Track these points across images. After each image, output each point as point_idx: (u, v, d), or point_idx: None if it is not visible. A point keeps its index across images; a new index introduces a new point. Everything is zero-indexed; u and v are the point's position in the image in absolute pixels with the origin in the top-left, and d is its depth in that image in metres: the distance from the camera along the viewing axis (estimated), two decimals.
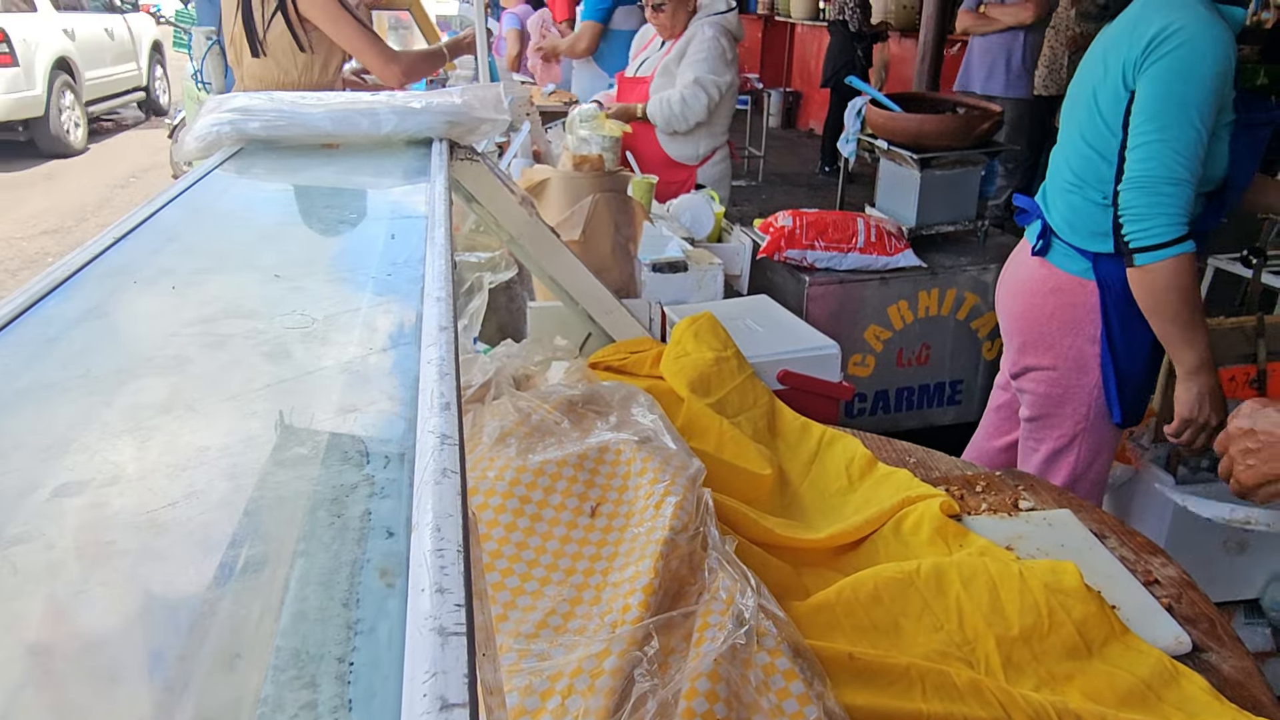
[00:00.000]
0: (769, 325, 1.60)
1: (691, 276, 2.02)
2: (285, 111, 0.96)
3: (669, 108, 3.05)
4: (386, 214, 0.87)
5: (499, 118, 1.05)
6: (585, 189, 1.42)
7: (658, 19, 3.16)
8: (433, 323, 0.54)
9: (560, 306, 1.43)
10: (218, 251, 0.74)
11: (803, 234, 2.68)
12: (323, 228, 0.84)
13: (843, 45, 7.46)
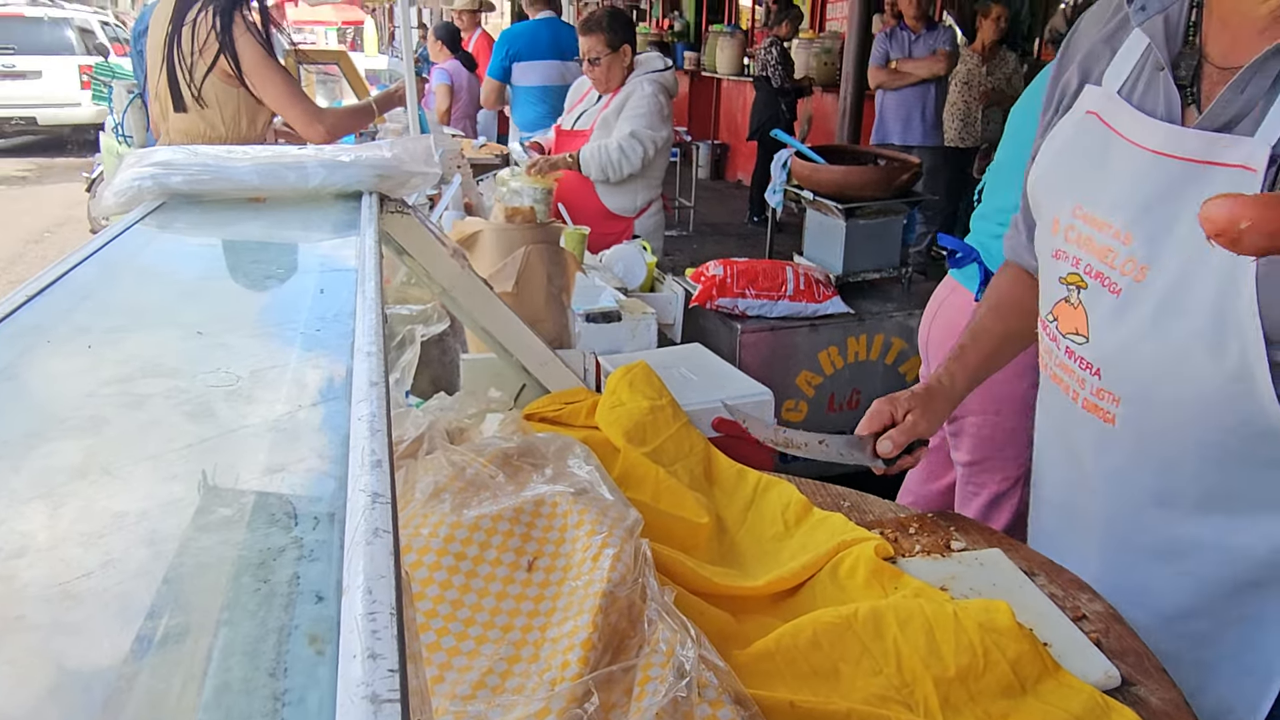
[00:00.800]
0: (702, 373, 1.62)
1: (625, 326, 2.03)
2: (209, 165, 0.95)
3: (605, 155, 3.09)
4: (315, 268, 0.86)
5: (429, 171, 1.05)
6: (518, 241, 1.43)
7: (594, 73, 3.22)
8: (363, 378, 0.53)
9: (494, 358, 1.42)
10: (137, 308, 0.72)
11: (734, 282, 2.72)
12: (248, 283, 0.82)
13: (767, 100, 7.68)
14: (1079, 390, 1.07)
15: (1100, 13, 1.12)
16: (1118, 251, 0.98)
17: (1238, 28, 0.93)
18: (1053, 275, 1.09)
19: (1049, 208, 1.10)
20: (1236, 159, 0.89)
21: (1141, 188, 0.96)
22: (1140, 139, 0.98)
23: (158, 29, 2.59)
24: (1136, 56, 1.02)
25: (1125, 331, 0.99)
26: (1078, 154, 1.06)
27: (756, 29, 10.79)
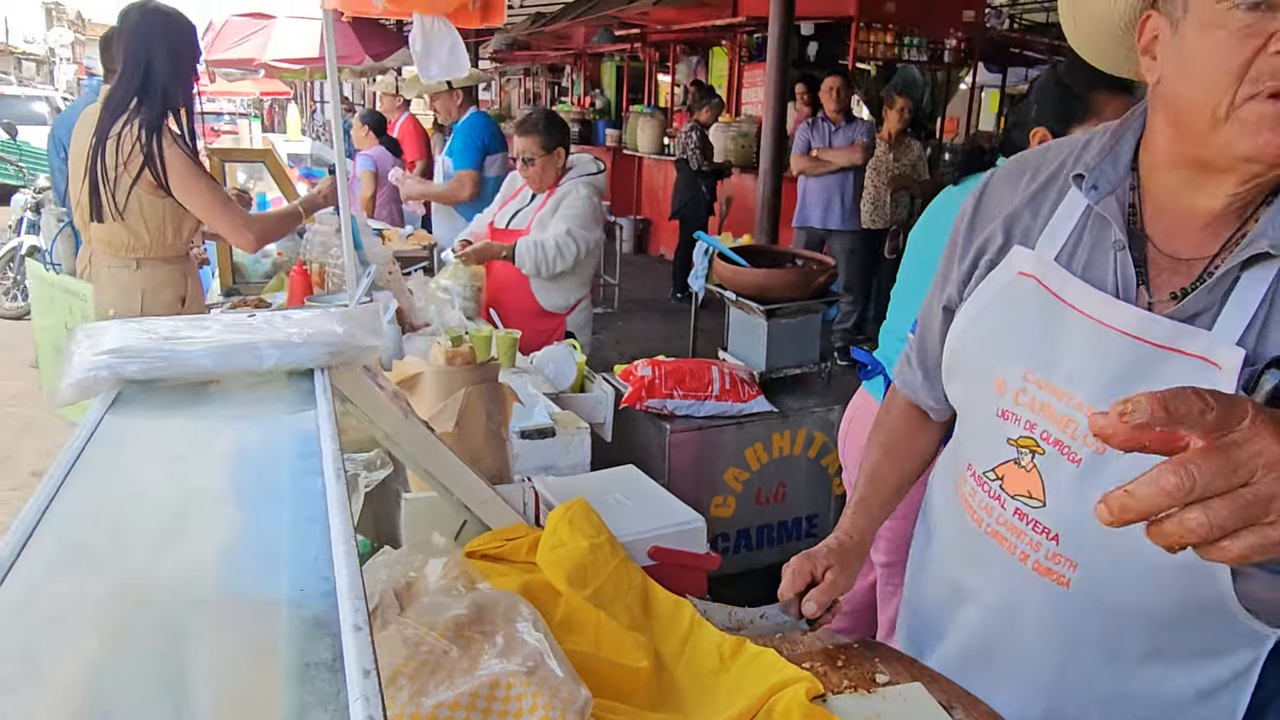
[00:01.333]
0: (636, 498, 1.67)
1: (560, 441, 2.09)
2: (163, 352, 0.98)
3: (541, 251, 3.17)
4: (277, 454, 0.89)
5: (378, 343, 1.10)
6: (458, 382, 1.48)
7: (528, 172, 3.31)
8: (349, 622, 0.58)
9: (434, 496, 1.45)
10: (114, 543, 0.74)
11: (662, 383, 2.81)
12: (212, 484, 0.85)
13: (688, 181, 7.93)
14: (1030, 552, 1.08)
15: (1013, 174, 1.17)
16: (1080, 422, 1.01)
17: (1175, 217, 1.01)
18: (998, 435, 1.10)
19: (986, 366, 1.12)
20: (1197, 349, 0.95)
21: (1109, 365, 1.00)
22: (1099, 314, 1.02)
23: (81, 139, 2.58)
24: (1072, 225, 1.07)
25: (1089, 501, 0.99)
26: (1016, 317, 1.09)
27: (675, 110, 11.16)
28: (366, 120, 5.77)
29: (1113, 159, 1.05)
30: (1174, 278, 1.01)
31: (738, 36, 9.15)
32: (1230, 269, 0.94)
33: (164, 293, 2.65)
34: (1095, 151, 1.07)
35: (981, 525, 1.15)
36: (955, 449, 1.27)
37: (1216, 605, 1.00)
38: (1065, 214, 1.08)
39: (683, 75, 11.80)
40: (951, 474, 1.27)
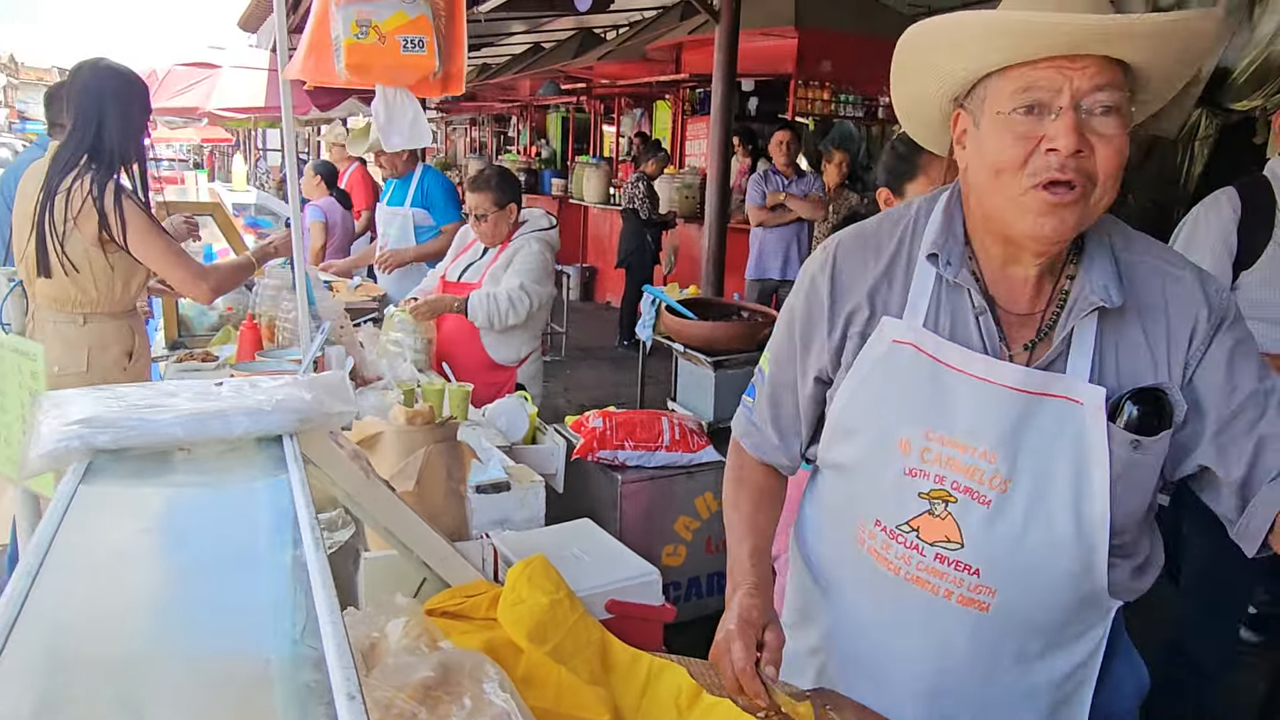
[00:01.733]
0: (593, 552, 1.71)
1: (515, 495, 2.11)
2: (134, 421, 1.00)
3: (494, 304, 3.21)
4: (251, 524, 0.92)
5: (347, 409, 1.13)
6: (418, 441, 1.51)
7: (480, 228, 3.36)
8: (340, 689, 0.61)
9: (394, 554, 1.47)
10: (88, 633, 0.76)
11: (613, 435, 2.86)
12: (188, 558, 0.87)
13: (634, 231, 8.07)
14: (953, 589, 1.19)
15: (856, 250, 1.27)
16: (983, 469, 1.15)
17: (1005, 282, 1.19)
18: (908, 491, 1.20)
19: (887, 429, 1.21)
20: (1060, 391, 1.13)
21: (1001, 415, 1.14)
22: (981, 373, 1.16)
23: (27, 194, 2.57)
24: (929, 295, 1.20)
25: (1001, 535, 1.16)
26: (904, 382, 1.20)
27: (621, 160, 11.35)
28: (319, 170, 5.77)
29: (952, 236, 1.20)
30: (1021, 331, 1.18)
31: (681, 91, 9.39)
32: (1070, 326, 1.13)
33: (111, 348, 2.63)
34: (936, 230, 1.21)
35: (900, 573, 1.23)
36: (842, 504, 1.33)
37: (1092, 596, 1.19)
38: (921, 286, 1.21)
39: (627, 127, 12.03)
40: (842, 530, 1.33)
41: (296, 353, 2.70)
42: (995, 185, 1.10)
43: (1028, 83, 1.05)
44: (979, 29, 1.07)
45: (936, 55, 1.15)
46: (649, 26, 10.13)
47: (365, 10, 1.76)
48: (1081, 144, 1.03)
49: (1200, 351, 1.15)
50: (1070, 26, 1.01)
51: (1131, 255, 1.18)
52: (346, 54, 1.80)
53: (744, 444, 1.45)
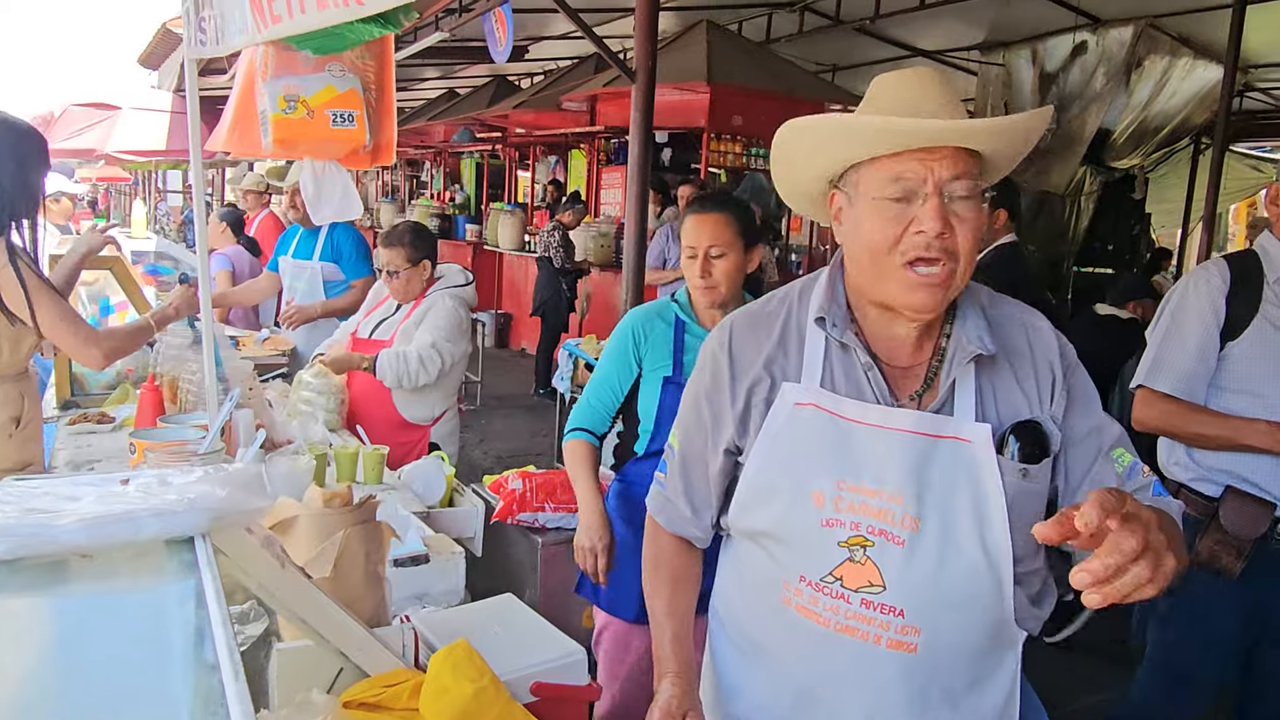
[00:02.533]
0: (515, 630, 1.68)
1: (434, 567, 2.06)
2: (31, 528, 0.94)
3: (403, 364, 3.14)
4: (162, 642, 0.87)
5: (263, 504, 1.09)
6: (335, 525, 1.46)
7: (392, 284, 3.30)
8: None
9: (308, 645, 1.41)
10: None
11: (533, 496, 2.82)
12: (87, 672, 0.82)
13: (549, 279, 8.07)
14: (881, 633, 1.24)
15: (748, 326, 1.39)
16: (893, 511, 1.23)
17: (887, 341, 1.31)
18: (827, 542, 1.25)
19: (800, 485, 1.27)
20: (950, 432, 1.24)
21: (903, 458, 1.23)
22: (878, 421, 1.26)
23: None
24: (821, 358, 1.31)
25: (919, 572, 1.22)
26: (811, 440, 1.28)
27: (536, 207, 11.38)
28: (226, 218, 5.60)
29: (836, 303, 1.31)
30: (906, 383, 1.29)
31: (596, 141, 9.49)
32: (961, 371, 1.26)
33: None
34: (821, 298, 1.32)
35: (829, 625, 1.27)
36: (764, 567, 1.36)
37: (1002, 625, 1.27)
38: (813, 351, 1.32)
39: (542, 174, 12.08)
40: (765, 593, 1.36)
41: (201, 417, 2.59)
42: (872, 263, 1.23)
43: (896, 173, 1.19)
44: (843, 132, 1.22)
45: (811, 150, 1.28)
46: (564, 77, 10.25)
47: (293, 85, 1.73)
48: (945, 226, 1.17)
49: (1063, 392, 1.30)
50: (933, 131, 1.16)
51: (997, 311, 1.34)
52: (274, 128, 1.77)
53: (659, 519, 1.50)
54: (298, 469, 2.39)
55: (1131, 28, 6.60)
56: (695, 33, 7.81)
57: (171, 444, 2.17)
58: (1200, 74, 7.07)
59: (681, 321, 2.28)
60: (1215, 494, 2.13)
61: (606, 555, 2.27)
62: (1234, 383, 2.10)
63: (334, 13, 1.39)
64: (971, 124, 1.16)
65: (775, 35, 8.57)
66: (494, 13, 5.74)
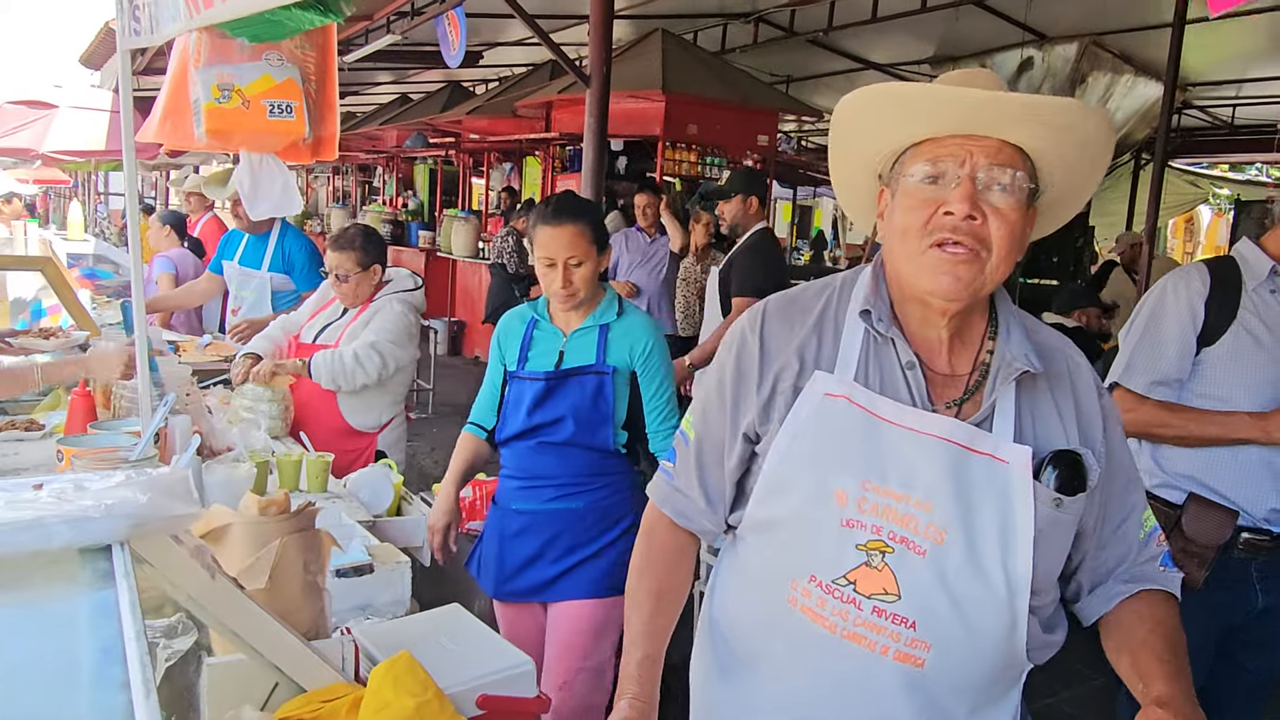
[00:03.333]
0: (462, 641, 1.62)
1: (379, 577, 2.00)
2: None
3: (339, 362, 3.05)
4: (70, 659, 0.81)
5: (189, 511, 1.03)
6: (271, 533, 1.39)
7: (340, 288, 3.21)
8: None
9: (242, 659, 1.35)
10: None
11: (483, 505, 2.76)
12: None
13: (502, 285, 8.00)
14: (890, 644, 1.18)
15: (783, 311, 1.34)
16: (919, 519, 1.17)
17: (924, 342, 1.26)
18: (845, 542, 1.20)
19: (822, 481, 1.21)
20: (987, 449, 1.19)
21: (933, 465, 1.18)
22: (913, 424, 1.20)
23: None
24: (858, 352, 1.26)
25: (937, 587, 1.17)
26: (838, 434, 1.22)
27: (490, 214, 11.29)
28: (168, 220, 5.44)
29: (880, 298, 1.27)
30: (945, 390, 1.24)
31: (551, 148, 9.45)
32: (1006, 385, 1.21)
33: None
34: (866, 291, 1.28)
35: (836, 630, 1.21)
36: (771, 565, 1.30)
37: (1012, 656, 1.22)
38: (850, 342, 1.27)
39: (496, 181, 11.99)
40: (769, 593, 1.29)
41: (135, 424, 2.49)
42: (902, 246, 1.20)
43: (934, 156, 1.17)
44: (891, 99, 1.19)
45: (860, 122, 1.25)
46: (519, 83, 10.19)
47: (228, 73, 1.66)
48: (975, 211, 1.14)
49: (1103, 436, 1.26)
50: (971, 101, 1.13)
51: (1041, 336, 1.29)
52: (207, 118, 1.70)
53: (665, 510, 1.42)
54: (236, 476, 2.30)
55: (1076, 45, 6.76)
56: (651, 41, 7.83)
57: (101, 451, 2.07)
58: (1141, 91, 7.27)
59: (534, 319, 2.39)
60: (1179, 501, 2.11)
61: (442, 535, 2.47)
62: (1205, 388, 2.08)
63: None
64: (1009, 95, 1.13)
65: (730, 45, 8.62)
66: (447, 16, 5.68)
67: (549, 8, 7.22)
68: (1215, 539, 2.05)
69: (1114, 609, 1.29)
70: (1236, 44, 6.88)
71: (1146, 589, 1.28)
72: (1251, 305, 2.07)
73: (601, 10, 4.04)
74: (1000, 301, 1.29)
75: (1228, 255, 2.19)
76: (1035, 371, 1.21)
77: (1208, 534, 2.05)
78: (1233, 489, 2.06)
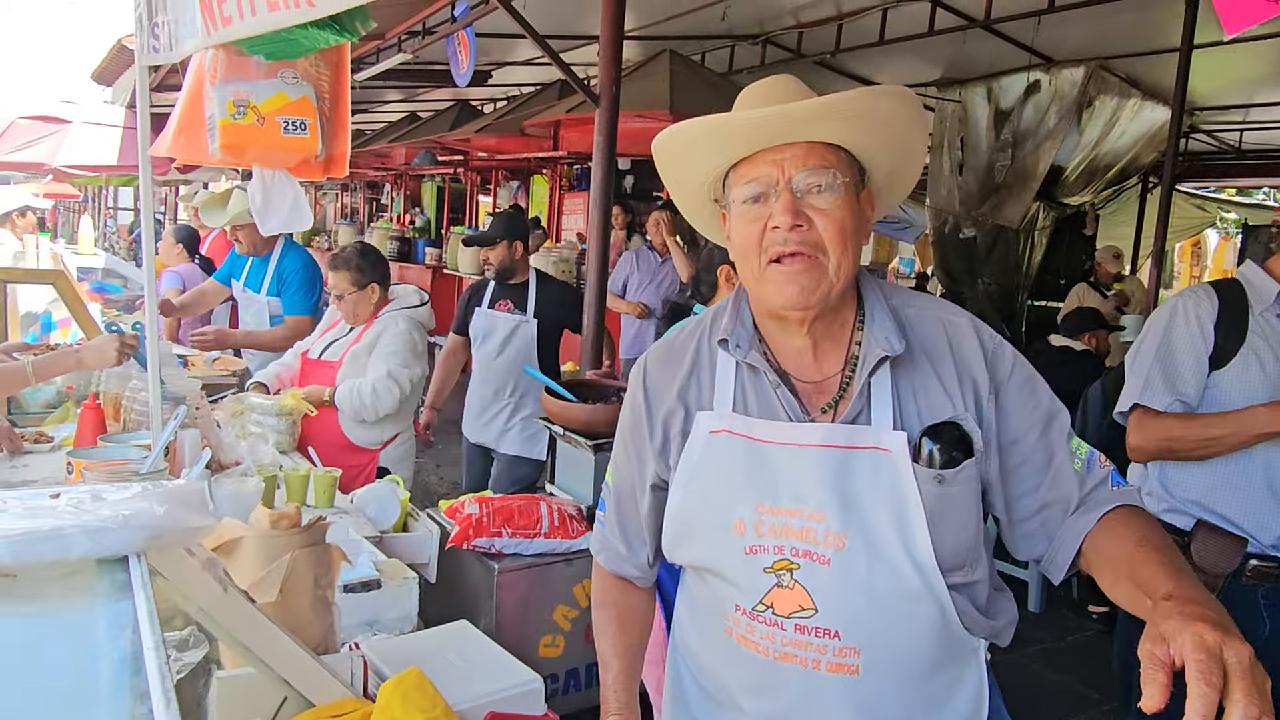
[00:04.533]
0: (470, 658, 1.62)
1: (386, 593, 2.00)
2: None
3: (359, 398, 3.06)
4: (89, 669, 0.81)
5: (205, 523, 1.03)
6: (282, 547, 1.39)
7: (341, 307, 3.23)
8: None
9: (251, 673, 1.35)
10: None
11: (490, 521, 2.75)
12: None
13: None
14: (820, 657, 1.20)
15: (663, 359, 1.37)
16: (816, 530, 1.19)
17: (790, 354, 1.28)
18: (752, 569, 1.23)
19: (720, 515, 1.24)
20: (868, 442, 1.20)
21: (819, 474, 1.20)
22: (790, 439, 1.22)
23: None
24: (731, 381, 1.29)
25: (849, 592, 1.18)
26: (726, 467, 1.25)
27: None
28: (180, 236, 5.46)
29: (740, 322, 1.29)
30: (818, 396, 1.26)
31: (558, 167, 9.49)
32: (865, 380, 1.22)
33: None
34: (726, 319, 1.30)
35: (769, 654, 1.24)
36: (703, 603, 1.35)
37: (951, 637, 1.22)
38: (723, 375, 1.30)
39: (504, 199, 12.04)
40: (712, 623, 1.33)
41: (145, 436, 2.49)
42: (745, 266, 1.24)
43: (751, 176, 1.21)
44: (699, 131, 1.24)
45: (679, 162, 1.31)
46: (527, 102, 10.24)
47: (243, 90, 1.68)
48: (799, 219, 1.17)
49: (991, 386, 1.24)
50: (757, 120, 1.17)
51: (912, 310, 1.29)
52: (221, 134, 1.72)
53: (599, 559, 1.48)
54: (245, 490, 2.30)
55: (1083, 68, 6.79)
56: (658, 62, 7.86)
57: (111, 463, 2.08)
58: (1148, 115, 7.28)
59: None
60: (1187, 527, 2.10)
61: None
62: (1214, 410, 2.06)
63: (285, 15, 1.35)
64: (793, 105, 1.16)
65: (737, 67, 8.66)
66: (457, 35, 5.73)
67: (558, 28, 7.28)
68: (1225, 567, 2.03)
69: (1086, 544, 1.22)
70: (1244, 69, 6.90)
71: (1108, 511, 1.22)
72: (1259, 329, 2.06)
73: (612, 31, 4.06)
74: (866, 289, 1.29)
75: (1233, 279, 2.17)
76: (894, 354, 1.21)
77: (1217, 562, 2.04)
78: (1240, 515, 2.05)
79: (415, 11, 6.15)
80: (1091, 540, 1.21)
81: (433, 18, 6.73)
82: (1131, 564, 1.11)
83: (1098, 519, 1.21)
